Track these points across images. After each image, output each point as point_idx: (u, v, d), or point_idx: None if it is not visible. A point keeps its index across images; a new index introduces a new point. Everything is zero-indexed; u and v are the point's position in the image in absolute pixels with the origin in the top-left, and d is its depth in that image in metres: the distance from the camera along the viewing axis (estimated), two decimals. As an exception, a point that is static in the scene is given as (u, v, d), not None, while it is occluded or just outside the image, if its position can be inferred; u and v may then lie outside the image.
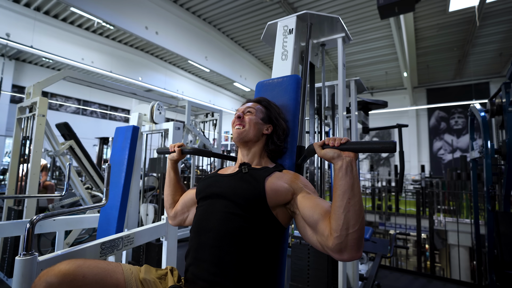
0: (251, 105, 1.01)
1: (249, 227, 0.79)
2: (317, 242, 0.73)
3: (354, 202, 0.66)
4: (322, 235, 0.70)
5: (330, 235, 0.68)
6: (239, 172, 0.90)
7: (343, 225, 0.65)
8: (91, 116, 12.54)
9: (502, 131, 2.36)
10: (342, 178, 0.68)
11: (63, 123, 3.20)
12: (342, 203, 0.66)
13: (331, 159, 0.70)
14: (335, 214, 0.67)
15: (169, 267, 0.89)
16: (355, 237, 0.65)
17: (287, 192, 0.82)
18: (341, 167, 0.68)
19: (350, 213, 0.66)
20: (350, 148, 0.68)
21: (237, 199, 0.82)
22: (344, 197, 0.67)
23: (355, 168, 0.68)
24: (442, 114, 11.77)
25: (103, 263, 0.75)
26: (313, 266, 1.40)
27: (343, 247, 0.66)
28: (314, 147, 0.76)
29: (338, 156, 0.69)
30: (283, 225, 0.84)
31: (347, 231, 0.65)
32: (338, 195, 0.68)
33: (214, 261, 0.76)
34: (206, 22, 7.52)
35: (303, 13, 1.34)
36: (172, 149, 1.07)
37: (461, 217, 5.48)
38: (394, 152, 0.63)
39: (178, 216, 1.06)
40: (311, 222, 0.74)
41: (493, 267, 2.20)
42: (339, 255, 0.67)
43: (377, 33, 7.81)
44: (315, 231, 0.73)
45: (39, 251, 2.82)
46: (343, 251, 0.66)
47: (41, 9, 6.89)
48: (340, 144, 0.69)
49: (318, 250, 0.75)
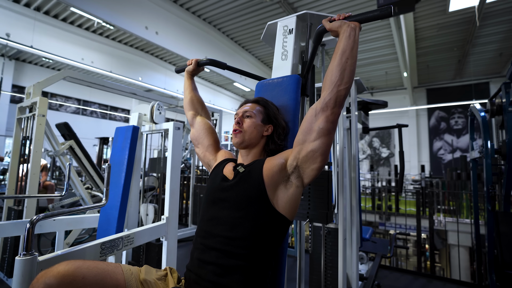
0: (249, 108, 1.00)
1: (255, 230, 0.79)
2: (317, 131, 0.80)
3: (351, 63, 0.77)
4: (312, 121, 0.81)
5: (320, 99, 0.80)
6: (237, 174, 0.90)
7: (338, 80, 0.77)
8: (91, 116, 12.54)
9: (502, 131, 2.36)
10: (344, 40, 0.78)
11: (63, 123, 3.19)
12: (340, 61, 0.77)
13: (338, 28, 0.82)
14: (331, 71, 0.79)
15: (168, 268, 0.89)
16: (343, 93, 0.78)
17: (282, 161, 0.85)
18: (346, 30, 0.79)
19: (346, 71, 0.77)
20: (354, 18, 0.81)
21: (241, 201, 0.83)
22: (343, 57, 0.77)
23: (358, 35, 0.79)
24: (442, 114, 11.78)
25: (102, 264, 0.75)
26: (313, 188, 1.44)
27: (330, 101, 0.78)
28: (322, 23, 0.87)
29: (344, 24, 0.81)
30: (287, 218, 0.83)
31: (338, 87, 0.77)
32: (338, 54, 0.78)
33: (219, 263, 0.77)
34: (206, 22, 7.51)
35: (303, 13, 1.34)
36: (189, 63, 1.25)
37: (461, 217, 5.48)
38: (391, 16, 0.74)
39: (194, 130, 1.15)
40: (304, 131, 0.83)
41: (493, 267, 2.20)
42: (327, 110, 0.78)
43: (377, 33, 7.81)
44: (310, 130, 0.81)
45: (39, 251, 2.82)
46: (328, 106, 0.78)
47: (41, 9, 6.89)
48: (345, 17, 0.84)
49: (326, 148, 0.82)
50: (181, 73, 1.35)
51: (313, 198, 1.44)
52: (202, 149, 1.11)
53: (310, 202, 1.44)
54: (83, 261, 0.73)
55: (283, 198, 0.82)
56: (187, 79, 1.26)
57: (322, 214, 1.40)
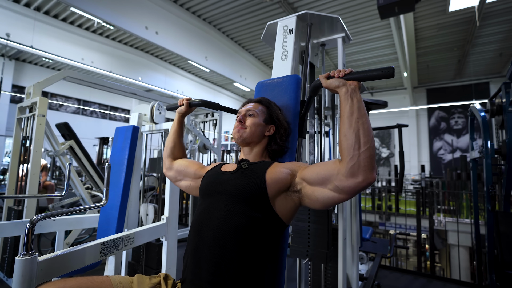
0: (252, 107, 1.00)
1: (250, 225, 0.78)
2: (330, 191, 0.73)
3: (362, 121, 0.69)
4: (331, 175, 0.71)
5: (341, 164, 0.70)
6: (240, 169, 0.90)
7: (355, 144, 0.67)
8: (91, 116, 12.54)
9: (502, 131, 2.36)
10: (348, 102, 0.71)
11: (63, 123, 3.19)
12: (351, 123, 0.69)
13: (336, 88, 0.75)
14: (345, 136, 0.70)
15: (162, 275, 0.88)
16: (367, 155, 0.66)
17: (286, 176, 0.82)
18: (346, 92, 0.72)
19: (361, 131, 0.68)
20: (353, 77, 0.73)
21: (238, 195, 0.81)
22: (353, 118, 0.69)
23: (359, 94, 0.72)
24: (442, 114, 11.77)
25: (86, 281, 0.74)
26: (313, 226, 1.41)
27: (356, 168, 0.66)
28: (319, 79, 0.80)
29: (343, 85, 0.73)
30: (284, 222, 0.83)
31: (359, 150, 0.67)
32: (347, 117, 0.70)
33: (214, 260, 0.75)
34: (206, 22, 7.51)
35: (303, 13, 1.34)
36: (181, 103, 1.16)
37: (461, 217, 5.48)
38: (393, 76, 0.68)
39: (173, 171, 1.11)
40: (318, 178, 0.75)
41: (493, 267, 2.20)
42: (353, 179, 0.67)
43: (377, 33, 7.80)
44: (324, 182, 0.74)
45: (39, 251, 2.82)
46: (357, 173, 0.66)
47: (41, 9, 6.89)
48: (344, 74, 0.74)
49: (330, 203, 0.75)
50: (172, 111, 1.25)
51: (313, 236, 1.40)
52: (189, 178, 1.06)
53: (310, 240, 1.40)
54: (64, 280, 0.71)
55: (281, 204, 0.83)
56: (178, 122, 1.17)
57: (322, 253, 1.35)
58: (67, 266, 1.00)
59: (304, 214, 1.44)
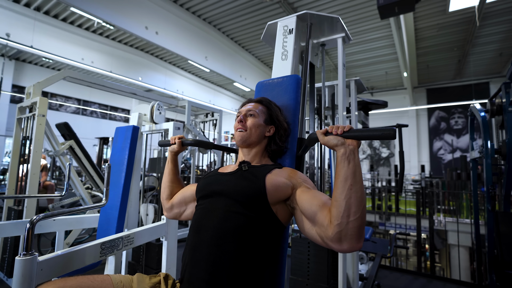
0: (253, 107, 1.00)
1: (249, 225, 0.78)
2: (316, 235, 0.72)
3: (356, 189, 0.66)
4: (321, 225, 0.70)
5: (330, 224, 0.67)
6: (239, 170, 0.90)
7: (344, 211, 0.65)
8: (91, 116, 12.53)
9: (502, 131, 2.36)
10: (344, 165, 0.68)
11: (63, 123, 3.20)
12: (343, 189, 0.66)
13: (334, 147, 0.71)
14: (336, 201, 0.67)
15: (162, 274, 0.88)
16: (356, 225, 0.64)
17: (287, 187, 0.82)
18: (344, 154, 0.68)
19: (352, 200, 0.65)
20: (352, 136, 0.69)
21: (237, 196, 0.81)
22: (346, 183, 0.66)
23: (357, 156, 0.69)
24: (442, 114, 11.77)
25: (86, 280, 0.73)
26: (313, 259, 1.40)
27: (343, 235, 0.65)
28: (316, 134, 0.76)
29: (342, 144, 0.69)
30: (283, 224, 0.83)
31: (348, 219, 0.64)
32: (340, 181, 0.67)
33: (212, 260, 0.75)
34: (206, 22, 7.51)
35: (303, 13, 1.34)
36: (173, 141, 1.10)
37: (461, 217, 5.48)
38: (394, 138, 0.65)
39: (174, 209, 1.07)
40: (310, 214, 0.74)
41: (493, 267, 2.20)
42: (338, 244, 0.66)
43: (377, 33, 7.80)
44: (314, 223, 0.73)
45: (39, 251, 2.82)
46: (342, 240, 0.65)
47: (41, 9, 6.89)
48: (343, 132, 0.70)
49: (314, 241, 0.75)
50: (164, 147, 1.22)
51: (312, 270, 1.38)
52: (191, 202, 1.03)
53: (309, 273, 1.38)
54: (65, 280, 0.71)
55: (280, 209, 0.83)
56: (172, 160, 1.12)
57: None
58: (67, 266, 1.00)
59: (304, 246, 1.43)
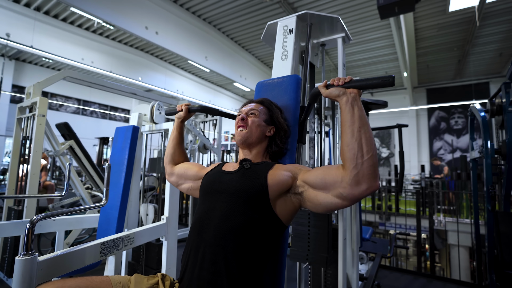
0: (254, 107, 1.00)
1: (250, 225, 0.78)
2: (333, 197, 0.73)
3: (364, 130, 0.69)
4: (335, 181, 0.71)
5: (344, 172, 0.69)
6: (241, 169, 0.90)
7: (358, 152, 0.67)
8: (91, 116, 12.53)
9: (502, 131, 2.36)
10: (349, 111, 0.71)
11: (63, 123, 3.20)
12: (352, 133, 0.69)
13: (336, 97, 0.74)
14: (347, 146, 0.69)
15: (159, 275, 0.88)
16: (371, 163, 0.67)
17: (288, 178, 0.82)
18: (347, 101, 0.71)
19: (363, 140, 0.68)
20: (353, 85, 0.72)
21: (239, 195, 0.82)
22: (354, 127, 0.69)
23: (360, 103, 0.72)
24: (442, 114, 11.77)
25: (85, 281, 0.74)
26: (313, 230, 1.41)
27: (361, 176, 0.67)
28: (318, 88, 0.79)
29: (343, 93, 0.73)
30: (283, 223, 0.83)
31: (362, 159, 0.67)
32: (349, 126, 0.70)
33: (213, 259, 0.75)
34: (206, 22, 7.51)
35: (303, 13, 1.34)
36: (180, 108, 1.15)
37: (461, 217, 5.48)
38: (393, 85, 0.68)
39: (174, 177, 1.12)
40: (322, 183, 0.75)
41: (493, 267, 2.20)
42: (357, 187, 0.67)
43: (377, 33, 7.80)
44: (327, 187, 0.74)
45: (39, 251, 2.82)
46: (361, 182, 0.67)
47: (41, 9, 6.89)
48: (344, 83, 0.73)
49: (333, 209, 0.75)
50: (170, 116, 1.23)
51: (313, 241, 1.39)
52: (190, 180, 1.07)
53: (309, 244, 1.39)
54: (63, 281, 0.71)
55: (281, 206, 0.83)
56: (177, 127, 1.17)
57: (322, 257, 1.35)
58: (67, 266, 1.00)
59: (304, 218, 1.44)
